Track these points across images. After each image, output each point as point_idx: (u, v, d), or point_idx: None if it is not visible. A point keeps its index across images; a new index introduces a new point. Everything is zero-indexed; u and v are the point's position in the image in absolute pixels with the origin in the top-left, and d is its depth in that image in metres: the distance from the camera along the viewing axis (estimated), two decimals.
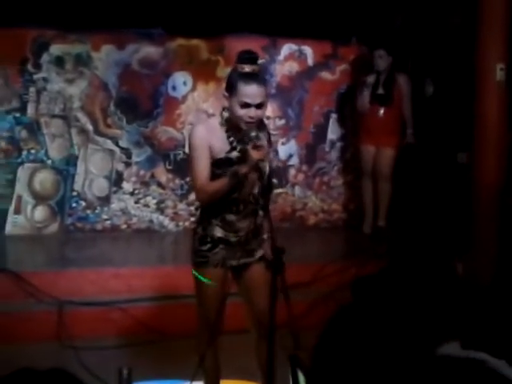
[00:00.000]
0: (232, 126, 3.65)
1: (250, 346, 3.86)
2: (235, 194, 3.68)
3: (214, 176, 3.65)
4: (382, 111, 7.10)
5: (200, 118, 7.07)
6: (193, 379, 3.77)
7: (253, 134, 3.59)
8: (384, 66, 7.05)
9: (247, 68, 3.58)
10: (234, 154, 3.66)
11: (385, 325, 1.83)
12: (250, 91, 3.54)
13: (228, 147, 3.67)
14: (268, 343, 3.33)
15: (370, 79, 7.09)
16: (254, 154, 3.51)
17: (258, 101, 3.56)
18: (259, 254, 3.79)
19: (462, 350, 2.11)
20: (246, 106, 3.55)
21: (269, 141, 3.85)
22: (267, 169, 3.75)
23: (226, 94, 3.64)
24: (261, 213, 3.76)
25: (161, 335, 5.16)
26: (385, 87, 7.07)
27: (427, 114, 7.40)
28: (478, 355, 2.06)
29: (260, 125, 3.77)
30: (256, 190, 3.69)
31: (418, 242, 6.24)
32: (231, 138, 3.67)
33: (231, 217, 3.72)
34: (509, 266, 2.10)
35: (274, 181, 7.15)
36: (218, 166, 3.65)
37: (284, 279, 3.30)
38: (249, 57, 3.63)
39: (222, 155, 3.66)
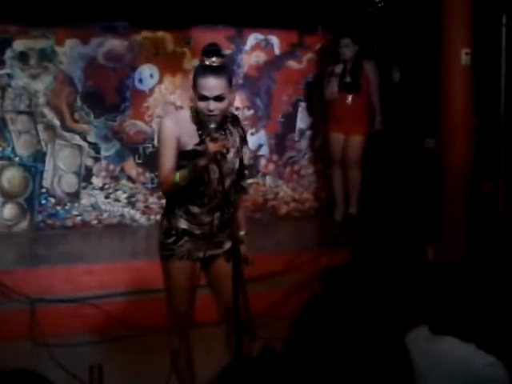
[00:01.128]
0: (199, 119, 3.65)
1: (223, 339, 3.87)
2: (201, 187, 3.68)
3: (180, 167, 3.64)
4: (349, 99, 7.12)
5: (168, 111, 7.05)
6: (169, 376, 3.76)
7: (212, 126, 3.59)
8: (350, 54, 7.06)
9: (207, 61, 3.60)
10: (202, 146, 3.65)
11: (354, 313, 1.84)
12: (207, 84, 3.55)
13: (197, 140, 3.67)
14: (234, 333, 3.34)
15: (338, 69, 7.10)
16: (212, 147, 3.50)
17: (215, 93, 3.56)
18: (227, 245, 3.79)
19: (431, 335, 2.13)
20: (204, 98, 3.57)
21: (242, 137, 3.85)
22: (236, 164, 3.76)
23: (192, 86, 3.66)
24: (229, 208, 3.77)
25: (134, 330, 5.15)
26: (352, 75, 7.09)
27: (394, 100, 7.44)
28: (446, 339, 2.08)
29: (233, 120, 3.79)
30: (226, 185, 3.69)
31: (388, 227, 6.28)
32: (200, 131, 3.67)
33: (195, 209, 3.73)
34: (476, 250, 2.12)
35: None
36: (186, 157, 3.64)
37: (241, 270, 3.34)
38: (210, 49, 3.64)
39: (189, 147, 3.66)
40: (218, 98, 3.57)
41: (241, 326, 3.33)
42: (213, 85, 3.55)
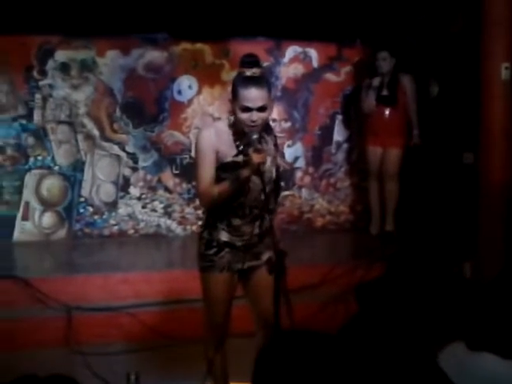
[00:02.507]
0: (238, 130, 3.65)
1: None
2: (241, 198, 3.67)
3: (220, 180, 3.64)
4: (387, 112, 7.10)
5: (206, 122, 7.09)
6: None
7: (254, 137, 3.58)
8: (387, 68, 7.05)
9: (247, 72, 3.57)
10: (241, 157, 3.64)
11: (390, 330, 1.84)
12: (250, 95, 3.53)
13: (235, 151, 3.66)
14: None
15: (375, 82, 7.08)
16: (255, 158, 3.50)
17: (258, 104, 3.55)
18: (265, 256, 3.77)
19: (468, 351, 2.11)
20: (247, 109, 3.55)
21: (275, 145, 3.85)
22: (273, 172, 3.75)
23: (231, 98, 3.65)
24: (267, 217, 3.75)
25: (169, 340, 5.17)
26: (389, 88, 7.07)
27: (432, 114, 7.40)
28: (485, 355, 2.06)
29: (266, 128, 3.77)
30: (262, 195, 3.68)
31: (425, 243, 6.24)
32: (238, 142, 3.66)
33: (237, 221, 3.72)
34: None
35: (282, 184, 7.15)
36: (225, 169, 3.64)
37: (285, 282, 3.30)
38: (249, 60, 3.62)
39: (228, 159, 3.65)
40: (261, 109, 3.56)
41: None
42: (256, 96, 3.53)
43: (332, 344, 1.59)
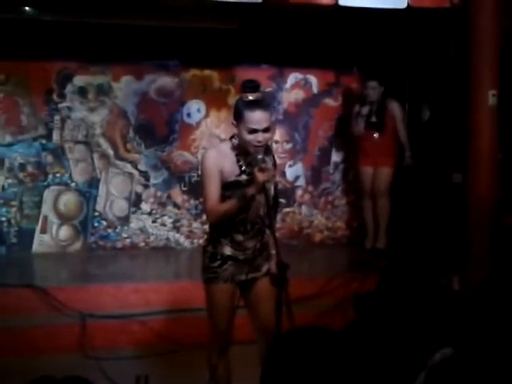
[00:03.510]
0: (241, 151, 3.66)
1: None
2: (243, 214, 3.68)
3: (223, 198, 3.65)
4: (376, 136, 7.08)
5: (213, 143, 7.10)
6: None
7: (259, 157, 3.60)
8: (376, 96, 7.02)
9: (251, 96, 3.58)
10: (243, 177, 3.66)
11: (385, 337, 1.83)
12: (256, 117, 3.55)
13: (238, 171, 3.67)
14: None
15: (364, 110, 7.05)
16: (260, 177, 3.52)
17: (264, 125, 3.57)
18: (265, 268, 3.79)
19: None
20: (253, 131, 3.56)
21: (274, 164, 3.86)
22: (272, 190, 3.76)
23: (234, 122, 3.65)
24: (267, 231, 3.75)
25: (177, 346, 5.16)
26: (377, 115, 7.06)
27: (424, 137, 7.40)
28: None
29: (266, 149, 3.79)
30: (262, 211, 3.69)
31: (416, 257, 6.23)
32: (240, 162, 3.67)
33: (239, 237, 3.73)
34: (500, 279, 2.10)
35: (282, 201, 7.19)
36: (228, 188, 3.65)
37: (287, 293, 3.29)
38: (251, 85, 3.63)
39: (231, 178, 3.66)
40: (266, 130, 3.58)
41: None
42: (261, 118, 3.55)
43: (335, 340, 1.59)
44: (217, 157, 3.67)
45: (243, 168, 3.66)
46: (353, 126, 7.19)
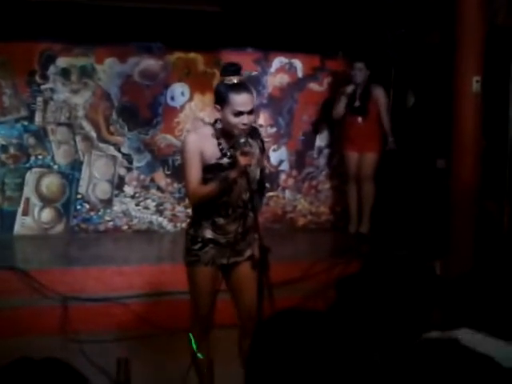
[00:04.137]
0: (223, 134, 3.65)
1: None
2: (225, 198, 3.67)
3: (205, 180, 3.64)
4: (360, 121, 7.09)
5: (196, 126, 7.06)
6: (188, 371, 3.77)
7: (242, 140, 3.59)
8: (362, 78, 7.02)
9: (234, 79, 3.58)
10: (225, 160, 3.65)
11: (368, 321, 1.83)
12: (242, 100, 3.54)
13: (219, 154, 3.66)
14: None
15: (348, 89, 7.07)
16: (242, 160, 3.51)
17: (249, 107, 3.57)
18: (248, 253, 3.79)
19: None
20: (239, 114, 3.55)
21: (262, 148, 3.85)
22: (257, 174, 3.75)
23: (218, 106, 3.62)
24: (250, 215, 3.73)
25: (159, 329, 5.15)
26: (361, 100, 7.06)
27: (408, 122, 7.41)
28: (457, 332, 2.04)
29: (253, 132, 3.77)
30: (245, 195, 3.68)
31: (399, 241, 6.26)
32: (221, 146, 3.66)
33: (221, 220, 3.72)
34: (483, 265, 2.11)
35: (267, 185, 7.18)
36: (209, 171, 3.64)
37: (268, 277, 3.29)
38: (233, 69, 3.63)
39: (212, 161, 3.65)
40: (251, 112, 3.59)
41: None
42: (247, 100, 3.56)
43: (319, 321, 1.58)
44: (197, 140, 3.67)
45: (224, 151, 3.65)
46: (335, 108, 7.17)
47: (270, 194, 7.62)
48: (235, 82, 3.57)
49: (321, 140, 7.85)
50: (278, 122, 7.71)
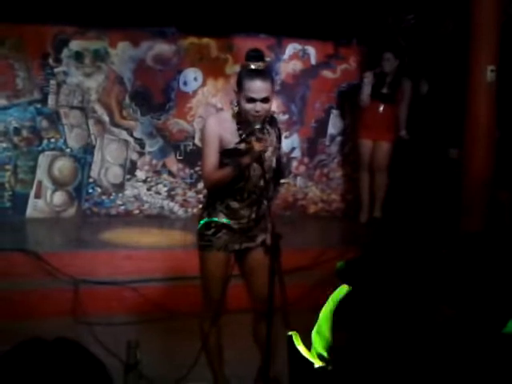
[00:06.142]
0: (242, 119, 3.65)
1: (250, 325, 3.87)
2: (241, 183, 3.67)
3: (222, 165, 3.65)
4: (381, 108, 7.10)
5: (209, 112, 7.07)
6: (198, 356, 3.79)
7: (257, 126, 3.59)
8: (390, 68, 7.07)
9: (252, 65, 3.58)
10: (243, 145, 3.65)
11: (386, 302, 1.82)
12: (255, 86, 3.53)
13: (237, 139, 3.66)
14: (267, 322, 3.33)
15: (371, 77, 7.09)
16: (257, 146, 3.52)
17: (262, 95, 3.55)
18: (260, 239, 3.79)
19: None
20: (251, 100, 3.55)
21: (279, 137, 3.85)
22: (274, 162, 3.76)
23: (236, 89, 3.64)
24: (265, 202, 3.74)
25: (169, 313, 5.17)
26: (390, 88, 7.09)
27: (422, 111, 7.38)
28: None
29: (271, 121, 3.78)
30: (261, 182, 3.68)
31: (410, 231, 6.24)
32: (240, 131, 3.66)
33: (235, 204, 3.72)
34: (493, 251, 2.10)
35: (284, 174, 7.22)
36: (228, 155, 3.65)
37: (280, 263, 3.30)
38: (254, 54, 3.63)
39: (231, 146, 3.66)
40: (264, 100, 3.57)
41: (273, 315, 3.32)
42: (260, 87, 3.54)
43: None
44: (217, 124, 3.67)
45: (243, 136, 3.65)
46: (359, 95, 7.17)
47: (281, 181, 7.61)
48: (252, 67, 3.57)
49: (333, 127, 7.83)
50: (291, 108, 7.69)
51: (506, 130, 6.52)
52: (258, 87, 3.54)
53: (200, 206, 6.43)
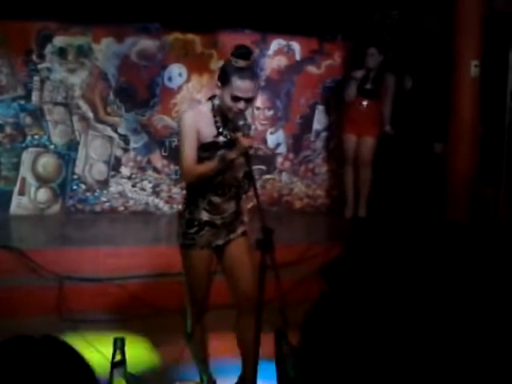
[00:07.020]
0: (220, 112, 3.63)
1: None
2: (219, 177, 3.64)
3: (200, 159, 3.61)
4: (365, 103, 7.12)
5: (193, 107, 7.04)
6: (182, 352, 3.78)
7: (241, 122, 3.58)
8: (374, 63, 7.06)
9: (242, 63, 3.51)
10: (221, 138, 3.63)
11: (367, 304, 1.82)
12: (243, 86, 3.49)
13: (215, 132, 3.63)
14: (256, 318, 3.29)
15: (359, 74, 7.09)
16: (245, 142, 3.50)
17: (249, 95, 3.53)
18: (240, 229, 3.78)
19: None
20: (237, 99, 3.51)
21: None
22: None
23: (219, 83, 3.59)
24: (243, 196, 3.76)
25: (154, 310, 5.16)
26: (374, 83, 7.10)
27: (406, 107, 7.41)
28: None
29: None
30: (240, 174, 3.68)
31: (394, 228, 6.26)
32: (218, 124, 3.64)
33: (216, 199, 3.70)
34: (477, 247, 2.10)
35: (262, 167, 7.24)
36: (205, 149, 3.62)
37: (274, 259, 3.27)
38: (244, 52, 3.55)
39: (209, 139, 3.62)
40: (249, 100, 3.55)
41: (261, 312, 3.27)
42: (248, 87, 3.50)
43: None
44: (194, 117, 3.63)
45: (220, 129, 3.64)
46: (344, 90, 7.19)
47: (267, 176, 7.63)
48: (242, 65, 3.51)
49: (318, 123, 7.84)
50: (276, 104, 7.70)
51: (489, 125, 6.56)
52: (246, 87, 3.49)
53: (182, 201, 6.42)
